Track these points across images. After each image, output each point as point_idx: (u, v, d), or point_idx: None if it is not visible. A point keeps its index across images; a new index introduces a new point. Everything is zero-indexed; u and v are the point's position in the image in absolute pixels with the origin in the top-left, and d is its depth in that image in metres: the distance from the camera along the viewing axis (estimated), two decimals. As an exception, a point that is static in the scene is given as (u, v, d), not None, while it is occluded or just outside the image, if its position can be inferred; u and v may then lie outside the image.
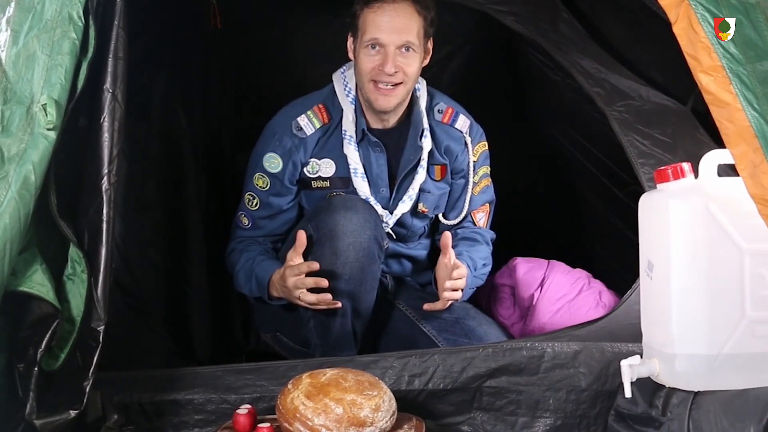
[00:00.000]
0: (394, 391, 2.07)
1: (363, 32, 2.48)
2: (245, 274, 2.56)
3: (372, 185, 2.61)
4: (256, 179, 2.61)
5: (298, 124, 2.59)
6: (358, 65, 2.52)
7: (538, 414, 2.24)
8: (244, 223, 2.65)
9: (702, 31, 1.76)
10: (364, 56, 2.49)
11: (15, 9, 1.89)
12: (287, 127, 2.59)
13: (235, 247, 2.65)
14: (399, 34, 2.46)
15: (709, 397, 1.92)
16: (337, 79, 2.65)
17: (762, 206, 1.73)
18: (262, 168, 2.60)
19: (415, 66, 2.51)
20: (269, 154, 2.59)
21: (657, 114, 2.55)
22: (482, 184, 2.76)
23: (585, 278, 2.80)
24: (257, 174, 2.61)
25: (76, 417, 1.86)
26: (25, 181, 1.75)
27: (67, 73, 1.83)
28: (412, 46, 2.48)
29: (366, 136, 2.59)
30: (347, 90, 2.61)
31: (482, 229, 2.78)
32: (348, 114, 2.59)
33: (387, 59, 2.46)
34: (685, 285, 1.95)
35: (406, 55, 2.48)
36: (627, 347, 2.24)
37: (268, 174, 2.59)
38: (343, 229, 2.35)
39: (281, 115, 2.64)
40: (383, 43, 2.46)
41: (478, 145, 2.73)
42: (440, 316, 2.61)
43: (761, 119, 1.72)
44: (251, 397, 2.16)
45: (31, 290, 1.80)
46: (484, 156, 2.76)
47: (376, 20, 2.46)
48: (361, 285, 2.39)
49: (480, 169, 2.74)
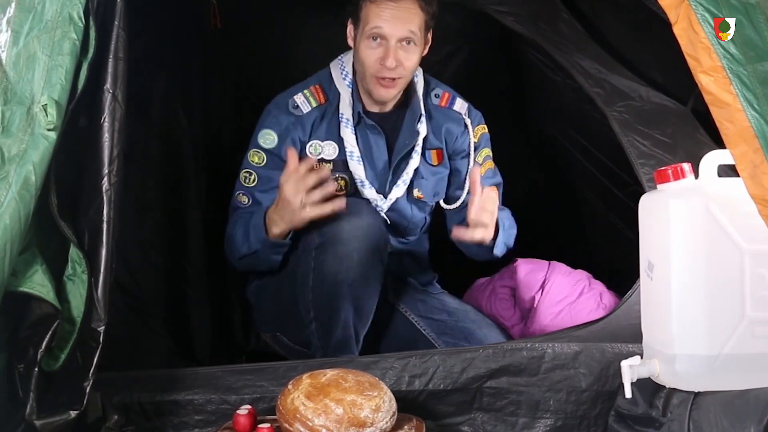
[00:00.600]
0: (395, 391, 2.07)
1: (365, 23, 2.49)
2: (242, 233, 2.50)
3: (373, 168, 2.61)
4: (251, 156, 2.58)
5: (295, 102, 2.59)
6: (359, 55, 2.53)
7: (538, 415, 2.24)
8: (243, 202, 2.57)
9: (702, 31, 1.76)
10: (366, 48, 2.50)
11: (15, 9, 1.89)
12: (283, 106, 2.59)
13: (233, 223, 2.58)
14: (402, 28, 2.46)
15: (709, 398, 1.92)
16: (334, 65, 2.65)
17: (762, 207, 1.73)
18: (257, 144, 2.57)
19: (415, 59, 2.52)
20: (264, 131, 2.57)
21: (657, 114, 2.55)
22: (486, 166, 2.74)
23: (586, 279, 2.80)
24: (252, 151, 2.58)
25: (77, 417, 1.85)
26: (26, 181, 1.75)
27: (67, 73, 1.83)
28: (414, 40, 2.49)
29: (362, 119, 2.59)
30: (344, 74, 2.62)
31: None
32: (345, 97, 2.60)
33: (388, 53, 2.46)
34: (685, 285, 1.95)
35: (407, 49, 2.49)
36: (627, 348, 2.24)
37: (264, 150, 2.57)
38: (348, 235, 2.34)
39: (277, 98, 2.64)
40: (385, 36, 2.47)
41: (477, 127, 2.73)
42: (440, 318, 2.61)
43: (761, 120, 1.72)
44: (251, 397, 2.16)
45: (31, 290, 1.80)
46: (485, 138, 2.75)
47: (379, 12, 2.46)
48: (364, 290, 2.38)
49: (482, 150, 2.73)
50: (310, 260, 2.38)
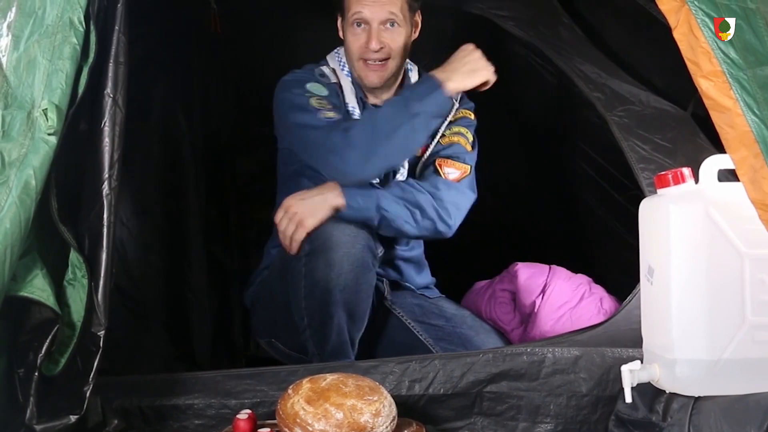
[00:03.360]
0: (395, 396, 2.07)
1: (348, 9, 2.54)
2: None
3: None
4: (310, 94, 2.49)
5: (321, 71, 2.60)
6: (346, 44, 2.58)
7: (538, 419, 2.24)
8: (331, 117, 2.43)
9: (702, 36, 1.76)
10: (351, 35, 2.55)
11: (16, 14, 1.89)
12: (310, 74, 2.58)
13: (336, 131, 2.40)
14: (382, 10, 2.50)
15: (709, 403, 1.91)
16: (331, 57, 2.68)
17: (762, 211, 1.73)
18: (309, 92, 2.50)
19: (400, 40, 2.54)
20: (310, 84, 2.54)
21: (657, 119, 2.55)
22: (453, 139, 2.65)
23: (586, 284, 2.80)
24: (306, 94, 2.49)
25: (77, 422, 1.85)
26: (26, 185, 1.75)
27: (67, 78, 1.83)
28: (396, 20, 2.52)
29: (366, 104, 2.61)
30: (342, 64, 2.65)
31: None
32: (347, 87, 2.62)
33: (372, 36, 2.51)
34: (685, 290, 1.95)
35: (391, 30, 2.53)
36: (627, 352, 2.23)
37: (318, 94, 2.51)
38: (337, 241, 2.34)
39: (293, 73, 2.61)
40: (367, 19, 2.51)
41: (462, 110, 2.70)
42: (437, 323, 2.60)
43: (761, 124, 1.72)
44: (251, 401, 2.16)
45: (31, 295, 1.80)
46: (466, 121, 2.69)
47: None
48: (356, 295, 2.38)
49: (455, 126, 2.67)
50: (301, 267, 2.38)
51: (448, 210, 2.52)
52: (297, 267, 2.39)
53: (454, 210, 2.53)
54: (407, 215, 2.46)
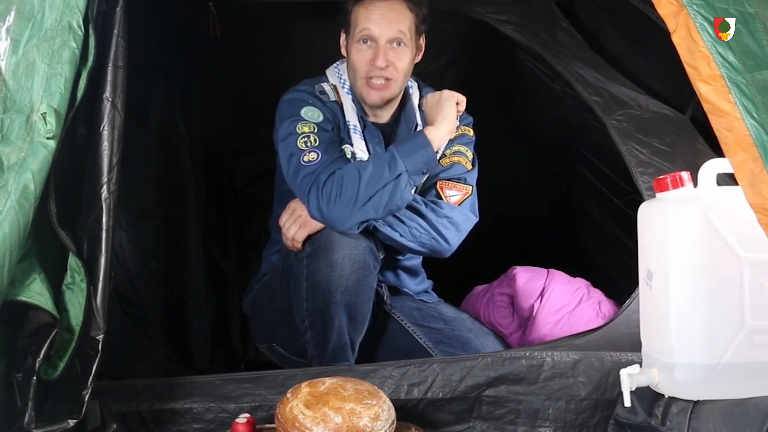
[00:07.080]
0: (393, 400, 2.07)
1: (355, 26, 2.51)
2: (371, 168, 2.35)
3: None
4: (300, 127, 2.44)
5: (322, 88, 2.57)
6: (351, 60, 2.55)
7: (537, 423, 2.24)
8: (312, 160, 2.38)
9: (701, 40, 1.76)
10: (356, 51, 2.52)
11: (15, 18, 1.89)
12: (310, 94, 2.55)
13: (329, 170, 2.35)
14: (391, 28, 2.48)
15: (708, 407, 1.91)
16: (331, 73, 2.65)
17: (761, 215, 1.73)
18: (302, 119, 2.46)
19: (405, 61, 2.53)
20: (305, 108, 2.50)
21: (656, 123, 2.55)
22: (453, 159, 2.64)
23: (584, 288, 2.80)
24: (298, 125, 2.44)
25: (75, 426, 1.85)
26: (25, 189, 1.75)
27: (66, 82, 1.83)
28: (404, 40, 2.50)
29: (367, 123, 2.59)
30: (342, 81, 2.62)
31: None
32: (347, 105, 2.59)
33: (378, 53, 2.48)
34: (684, 294, 1.95)
35: (397, 50, 2.50)
36: (626, 356, 2.24)
37: (311, 122, 2.46)
38: (339, 242, 2.34)
39: (295, 90, 2.58)
40: (375, 37, 2.48)
41: (461, 126, 2.67)
42: (437, 327, 2.60)
43: (760, 128, 1.72)
44: (250, 406, 2.16)
45: (29, 299, 1.80)
46: (466, 139, 2.67)
47: (368, 14, 2.48)
48: (357, 296, 2.38)
49: (455, 145, 2.64)
50: (302, 269, 2.38)
51: (448, 230, 2.54)
52: (298, 268, 2.39)
53: (453, 231, 2.55)
54: (404, 230, 2.49)
